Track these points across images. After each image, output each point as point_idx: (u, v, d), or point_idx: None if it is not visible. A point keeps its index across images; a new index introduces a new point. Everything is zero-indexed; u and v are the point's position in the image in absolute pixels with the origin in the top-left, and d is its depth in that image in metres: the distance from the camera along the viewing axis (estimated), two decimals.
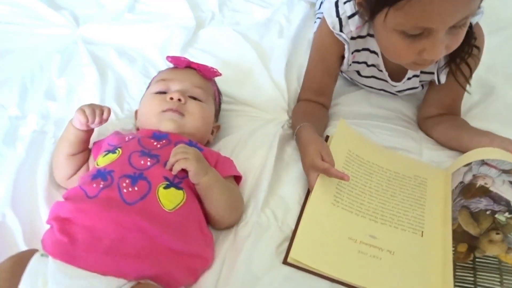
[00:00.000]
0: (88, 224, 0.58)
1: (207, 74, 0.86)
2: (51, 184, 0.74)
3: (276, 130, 0.87)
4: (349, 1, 0.82)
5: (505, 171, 0.72)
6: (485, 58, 0.87)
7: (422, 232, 0.72)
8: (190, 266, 0.62)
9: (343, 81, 1.02)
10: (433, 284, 0.64)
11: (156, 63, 1.02)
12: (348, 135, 0.86)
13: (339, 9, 0.82)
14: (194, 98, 0.80)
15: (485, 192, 0.71)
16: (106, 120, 0.73)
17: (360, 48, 0.87)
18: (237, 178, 0.77)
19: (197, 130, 0.78)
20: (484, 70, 0.99)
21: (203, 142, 0.82)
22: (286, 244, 0.69)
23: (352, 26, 0.82)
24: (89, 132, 0.75)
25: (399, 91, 0.95)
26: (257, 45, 1.06)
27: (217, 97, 0.89)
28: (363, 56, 0.88)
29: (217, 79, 0.91)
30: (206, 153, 0.73)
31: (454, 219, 0.71)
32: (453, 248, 0.67)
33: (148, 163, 0.66)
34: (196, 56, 1.04)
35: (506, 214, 0.67)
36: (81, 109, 0.71)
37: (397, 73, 0.90)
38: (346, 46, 0.85)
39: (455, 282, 0.62)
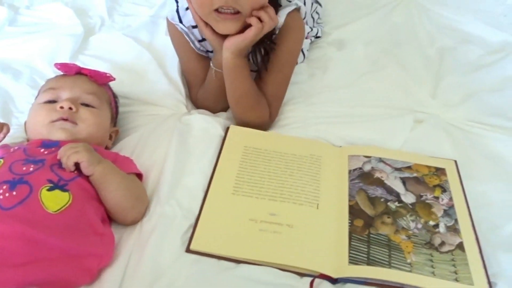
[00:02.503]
0: None
1: (99, 80, 0.85)
2: None
3: (175, 124, 0.89)
4: None
5: (397, 169, 0.84)
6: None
7: (318, 204, 0.77)
8: (83, 266, 0.61)
9: None
10: (329, 250, 0.70)
11: (44, 74, 0.98)
12: (241, 135, 0.89)
13: (179, 3, 0.89)
14: (87, 105, 0.79)
15: (381, 183, 0.81)
16: (4, 136, 0.72)
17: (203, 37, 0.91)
18: (139, 177, 0.77)
19: (92, 137, 0.77)
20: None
21: None
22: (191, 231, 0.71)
23: (190, 15, 0.87)
24: None
25: None
26: (149, 45, 1.06)
27: (113, 101, 0.88)
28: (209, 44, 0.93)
29: (113, 82, 0.90)
30: (102, 154, 0.73)
31: (352, 196, 0.79)
32: (350, 221, 0.75)
33: (31, 169, 0.65)
34: (88, 63, 1.02)
35: (396, 204, 0.78)
36: None
37: None
38: (186, 36, 0.90)
39: (350, 250, 0.70)
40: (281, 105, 0.96)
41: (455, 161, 0.86)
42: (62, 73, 0.85)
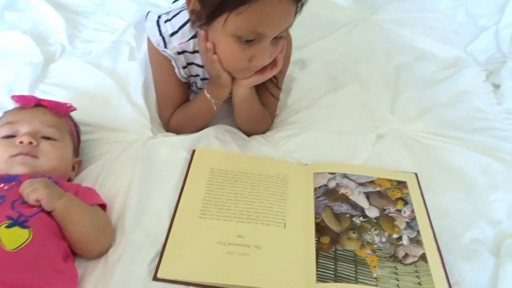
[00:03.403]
0: None
1: (60, 111, 0.84)
2: None
3: (140, 149, 0.88)
4: (169, 20, 0.88)
5: (361, 184, 0.86)
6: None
7: (285, 224, 0.78)
8: None
9: None
10: (297, 269, 0.71)
11: (3, 105, 0.95)
12: (208, 157, 0.89)
13: (161, 28, 0.88)
14: (48, 138, 0.77)
15: (346, 199, 0.83)
16: None
17: (190, 62, 0.92)
18: (103, 207, 0.76)
19: (54, 170, 0.76)
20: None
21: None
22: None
23: (176, 42, 0.88)
24: None
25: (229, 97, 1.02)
26: (111, 71, 1.05)
27: (75, 132, 0.87)
28: (195, 69, 0.94)
29: (75, 111, 0.88)
30: (64, 186, 0.71)
31: (318, 214, 0.80)
32: (317, 239, 0.76)
33: None
34: (49, 92, 1.01)
35: (361, 218, 0.79)
36: None
37: None
38: (173, 62, 0.90)
39: (317, 268, 0.71)
40: None
41: (416, 174, 0.89)
42: (20, 106, 0.83)
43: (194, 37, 0.88)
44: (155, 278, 0.67)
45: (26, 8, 1.27)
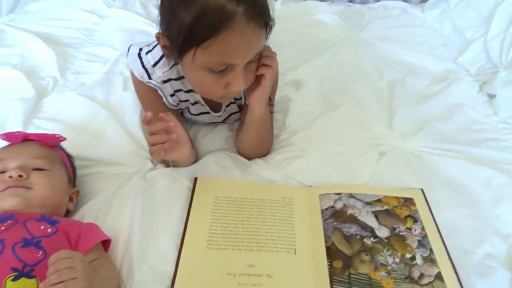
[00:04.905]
0: None
1: (48, 142, 0.83)
2: None
3: (140, 181, 0.85)
4: (150, 51, 0.88)
5: (368, 203, 0.85)
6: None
7: (295, 249, 0.76)
8: None
9: None
10: None
11: None
12: (210, 185, 0.88)
13: (143, 60, 0.88)
14: (39, 169, 0.76)
15: (354, 219, 0.82)
16: None
17: (177, 89, 0.91)
18: (106, 242, 0.74)
19: (47, 200, 0.74)
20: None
21: (61, 213, 0.78)
22: None
23: (159, 72, 0.88)
24: None
25: (225, 119, 1.03)
26: (105, 103, 1.04)
27: (68, 162, 0.85)
28: (183, 95, 0.93)
29: (71, 145, 0.87)
30: (65, 226, 0.69)
31: (327, 237, 0.78)
32: (329, 263, 0.74)
33: None
34: (43, 126, 0.99)
35: (372, 239, 0.78)
36: None
37: (215, 105, 0.97)
38: (159, 91, 0.90)
39: None
40: None
41: (422, 190, 0.89)
42: (8, 143, 0.82)
43: (176, 63, 0.87)
44: None
45: (13, 43, 1.27)
